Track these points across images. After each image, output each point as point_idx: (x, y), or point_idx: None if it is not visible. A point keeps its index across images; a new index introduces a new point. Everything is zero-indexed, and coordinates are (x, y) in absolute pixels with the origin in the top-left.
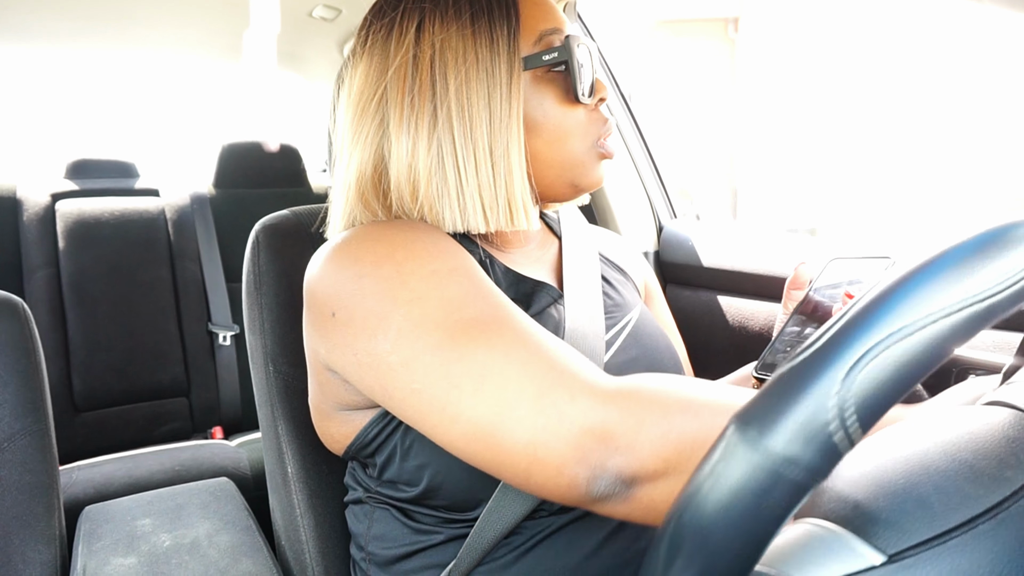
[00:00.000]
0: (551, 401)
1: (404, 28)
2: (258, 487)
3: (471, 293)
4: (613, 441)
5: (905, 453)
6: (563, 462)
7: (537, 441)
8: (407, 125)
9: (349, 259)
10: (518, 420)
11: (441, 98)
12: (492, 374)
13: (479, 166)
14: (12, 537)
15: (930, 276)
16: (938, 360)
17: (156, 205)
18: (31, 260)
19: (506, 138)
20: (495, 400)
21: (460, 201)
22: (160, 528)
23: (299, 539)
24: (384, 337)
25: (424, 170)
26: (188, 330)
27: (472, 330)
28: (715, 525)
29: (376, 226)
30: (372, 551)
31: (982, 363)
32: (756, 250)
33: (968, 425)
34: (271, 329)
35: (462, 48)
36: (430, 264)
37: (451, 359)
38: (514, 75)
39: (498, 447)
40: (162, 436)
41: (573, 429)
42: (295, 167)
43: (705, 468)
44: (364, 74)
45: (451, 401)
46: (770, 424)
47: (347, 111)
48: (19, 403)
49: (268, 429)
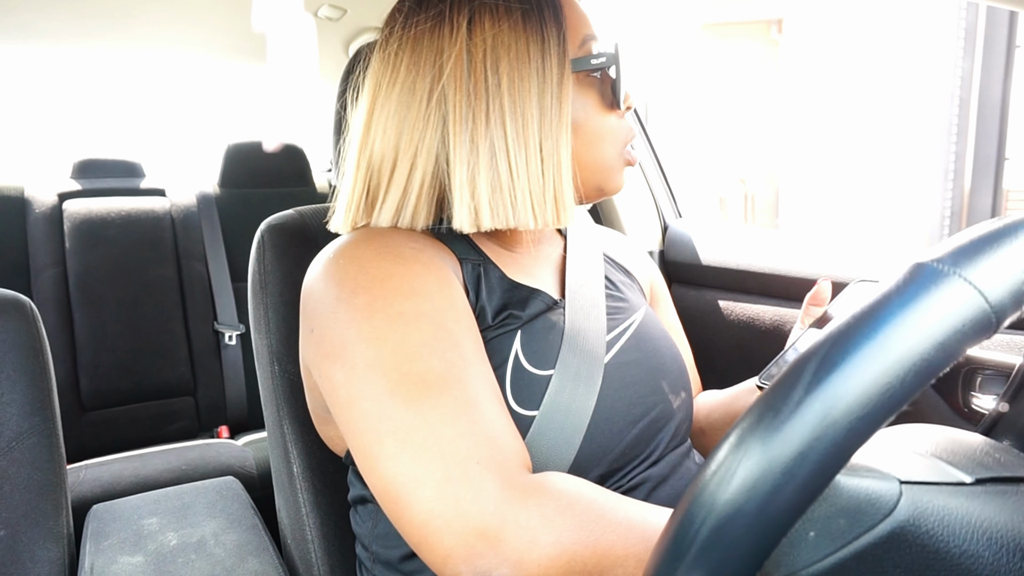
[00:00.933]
0: (454, 492)
1: (455, 23)
2: (264, 486)
3: (428, 345)
4: (504, 550)
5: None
6: (449, 555)
7: (430, 526)
8: (464, 123)
9: (334, 280)
10: (420, 499)
11: (493, 95)
12: (412, 443)
13: (530, 163)
14: (20, 535)
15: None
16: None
17: (162, 205)
18: (38, 260)
19: (556, 137)
20: (406, 471)
21: (512, 197)
22: (167, 527)
23: (305, 538)
24: (340, 368)
25: (482, 166)
26: (194, 329)
27: (414, 388)
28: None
29: (367, 245)
30: (376, 551)
31: (993, 363)
32: (760, 249)
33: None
34: (276, 328)
35: (514, 46)
36: (400, 304)
37: (384, 414)
38: (564, 75)
39: (398, 514)
40: (168, 435)
41: (467, 527)
42: (300, 167)
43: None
44: (412, 66)
45: (372, 454)
46: (968, 257)
47: (389, 101)
48: (27, 402)
49: (274, 428)
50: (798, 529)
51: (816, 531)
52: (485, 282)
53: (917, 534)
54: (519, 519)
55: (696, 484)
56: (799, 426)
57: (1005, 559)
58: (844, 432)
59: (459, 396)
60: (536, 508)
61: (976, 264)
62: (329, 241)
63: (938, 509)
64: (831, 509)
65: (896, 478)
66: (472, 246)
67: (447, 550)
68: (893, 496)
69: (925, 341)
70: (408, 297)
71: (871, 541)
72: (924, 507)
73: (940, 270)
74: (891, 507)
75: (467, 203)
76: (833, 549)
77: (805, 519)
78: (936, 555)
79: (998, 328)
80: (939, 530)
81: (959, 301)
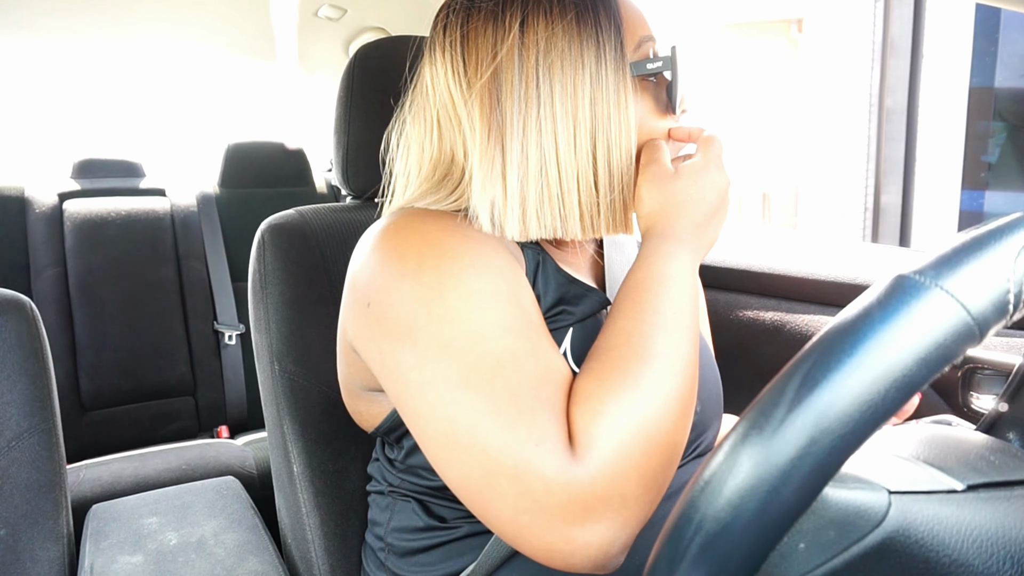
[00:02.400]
0: (527, 485)
1: (507, 24)
2: (264, 486)
3: (503, 324)
4: (596, 518)
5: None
6: (550, 549)
7: (520, 523)
8: (514, 129)
9: (395, 254)
10: (500, 495)
11: (545, 102)
12: (482, 432)
13: (581, 173)
14: (20, 535)
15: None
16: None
17: (162, 205)
18: (38, 260)
19: (611, 144)
20: (482, 464)
21: (561, 207)
22: (167, 526)
23: (305, 537)
24: (410, 349)
25: (531, 175)
26: (194, 329)
27: (487, 370)
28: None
29: (430, 221)
30: (391, 542)
31: (992, 362)
32: (760, 249)
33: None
34: (277, 328)
35: (568, 50)
36: (474, 282)
37: (458, 401)
38: (622, 80)
39: (483, 509)
40: (168, 435)
41: (553, 516)
42: (300, 166)
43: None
44: (469, 64)
45: (447, 445)
46: (950, 268)
47: (446, 93)
48: (27, 402)
49: (274, 428)
50: (788, 541)
51: (806, 543)
52: (542, 272)
53: (907, 544)
54: (599, 487)
55: (684, 501)
56: (782, 445)
57: (996, 567)
58: (828, 449)
59: (530, 370)
60: (598, 459)
61: (957, 275)
62: (330, 241)
63: (928, 518)
64: (820, 521)
65: (885, 488)
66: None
67: (547, 545)
68: (882, 507)
69: (907, 356)
70: (481, 275)
71: (861, 552)
72: (913, 517)
73: (921, 283)
74: (880, 518)
75: (516, 211)
76: (823, 560)
77: (795, 531)
78: (926, 564)
79: (982, 339)
80: (929, 539)
81: (941, 314)
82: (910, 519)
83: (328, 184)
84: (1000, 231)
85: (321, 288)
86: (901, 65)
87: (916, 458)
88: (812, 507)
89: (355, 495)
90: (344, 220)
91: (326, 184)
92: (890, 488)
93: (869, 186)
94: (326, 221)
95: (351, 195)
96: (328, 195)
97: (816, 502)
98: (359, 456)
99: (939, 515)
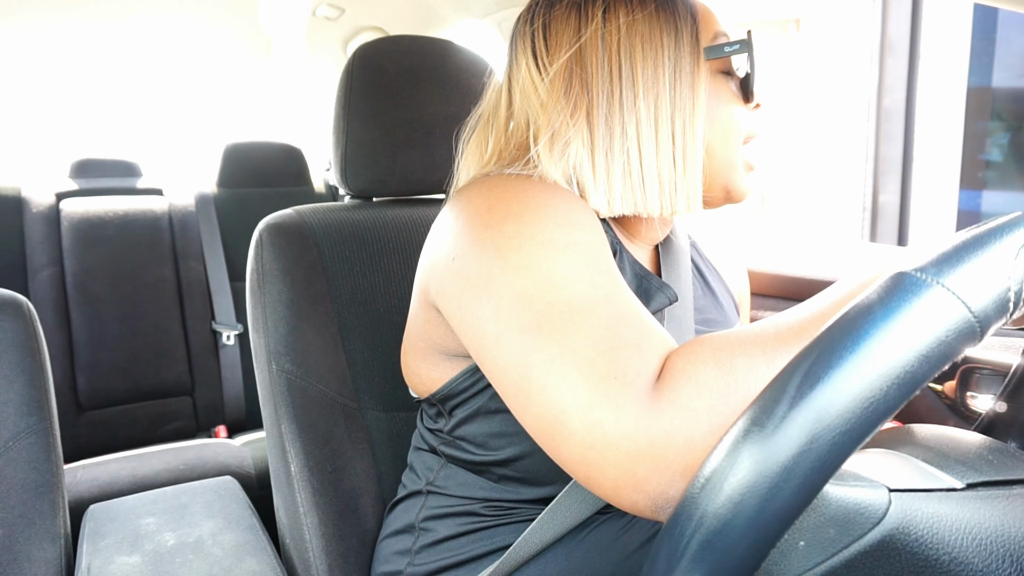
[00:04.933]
0: (597, 419)
1: (590, 12)
2: (262, 486)
3: (576, 273)
4: (665, 465)
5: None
6: (617, 487)
7: (588, 460)
8: (599, 108)
9: (484, 207)
10: (570, 433)
11: (627, 82)
12: (557, 373)
13: (661, 150)
14: (17, 535)
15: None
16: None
17: (160, 205)
18: (35, 259)
19: (687, 125)
20: (555, 404)
21: (641, 182)
22: (164, 527)
23: (303, 537)
24: (487, 302)
25: (616, 151)
26: (192, 329)
27: (559, 317)
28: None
29: (523, 180)
30: (425, 526)
31: (990, 362)
32: (760, 249)
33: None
34: (274, 328)
35: (648, 34)
36: (550, 232)
37: (532, 347)
38: (697, 65)
39: (556, 451)
40: (166, 435)
41: (621, 455)
42: (298, 166)
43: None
44: (553, 47)
45: (523, 391)
46: (951, 265)
47: (527, 76)
48: (24, 402)
49: (272, 428)
50: (788, 539)
51: (806, 540)
52: (618, 260)
53: (907, 542)
54: (664, 427)
55: (685, 498)
56: (784, 441)
57: (995, 565)
58: (829, 446)
59: (603, 314)
60: (671, 407)
61: (958, 273)
62: (328, 241)
63: (927, 516)
64: (820, 519)
65: (885, 486)
66: (607, 226)
67: (613, 483)
68: (882, 505)
69: (908, 353)
70: (560, 226)
71: (861, 550)
72: (913, 515)
73: (922, 280)
74: (880, 516)
75: (602, 186)
76: (823, 558)
77: (795, 529)
78: (926, 562)
79: (983, 337)
80: (929, 537)
81: (942, 312)
82: (910, 517)
83: (326, 184)
84: (1000, 229)
85: (319, 287)
86: (899, 65)
87: (916, 456)
88: (812, 505)
89: (352, 495)
90: (342, 220)
91: (324, 184)
92: (890, 486)
93: (867, 186)
94: (324, 221)
95: (349, 195)
96: (326, 195)
97: (816, 500)
98: (357, 456)
99: (939, 513)
